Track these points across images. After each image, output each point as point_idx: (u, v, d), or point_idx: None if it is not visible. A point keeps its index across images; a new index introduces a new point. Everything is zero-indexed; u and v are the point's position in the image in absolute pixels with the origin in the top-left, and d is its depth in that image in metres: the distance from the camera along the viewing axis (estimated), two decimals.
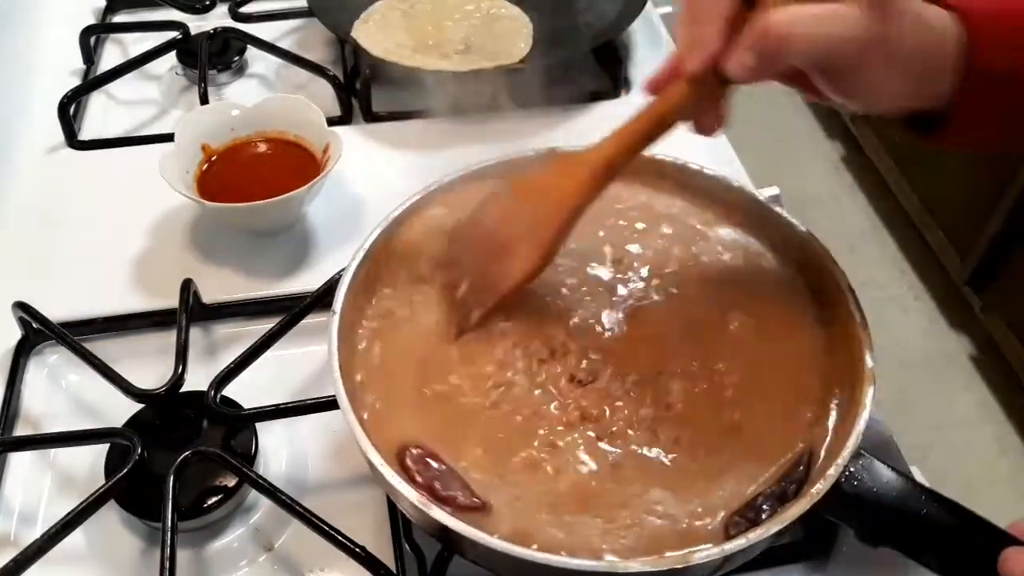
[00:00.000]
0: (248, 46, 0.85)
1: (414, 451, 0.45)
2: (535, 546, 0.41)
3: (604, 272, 0.54)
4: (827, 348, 0.49)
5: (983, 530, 0.42)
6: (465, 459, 0.45)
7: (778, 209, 0.55)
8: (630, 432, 0.46)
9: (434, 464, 0.44)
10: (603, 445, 0.46)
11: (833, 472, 0.42)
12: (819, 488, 0.41)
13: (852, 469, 0.42)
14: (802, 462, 0.44)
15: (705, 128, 0.47)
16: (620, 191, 0.57)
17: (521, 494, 0.44)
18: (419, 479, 0.43)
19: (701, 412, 0.47)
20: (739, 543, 0.40)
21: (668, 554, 0.40)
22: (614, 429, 0.46)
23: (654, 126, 0.46)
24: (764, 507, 0.42)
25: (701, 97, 0.44)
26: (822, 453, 0.45)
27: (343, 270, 0.51)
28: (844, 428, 0.44)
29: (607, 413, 0.47)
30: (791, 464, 0.44)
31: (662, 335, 0.50)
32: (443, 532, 0.41)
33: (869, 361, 0.46)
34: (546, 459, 0.45)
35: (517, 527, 0.42)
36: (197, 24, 0.87)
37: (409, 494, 0.41)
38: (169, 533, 0.48)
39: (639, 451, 0.45)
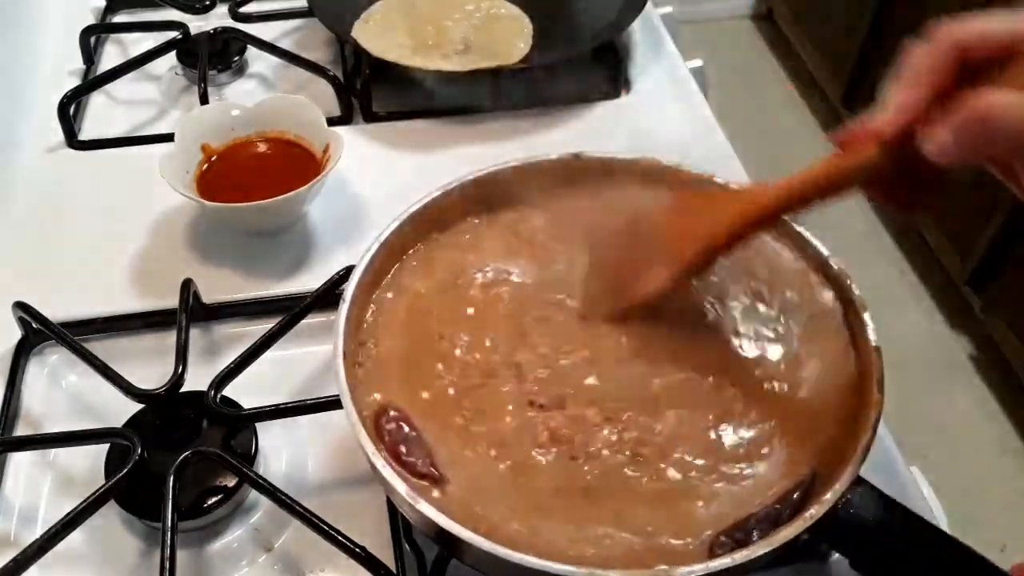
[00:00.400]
0: (248, 46, 0.85)
1: (392, 413, 0.46)
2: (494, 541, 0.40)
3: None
4: (840, 371, 0.49)
5: (982, 568, 0.41)
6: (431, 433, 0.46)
7: (800, 228, 0.54)
8: (607, 452, 0.45)
9: (406, 429, 0.45)
10: (579, 462, 0.45)
11: (830, 497, 0.41)
12: (813, 513, 0.40)
13: (850, 496, 0.42)
14: (801, 486, 0.43)
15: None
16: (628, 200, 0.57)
17: (485, 484, 0.44)
18: (387, 439, 0.45)
19: (697, 435, 0.46)
20: (723, 562, 0.39)
21: (658, 567, 0.40)
22: (590, 449, 0.45)
23: (831, 181, 0.42)
24: (755, 529, 0.42)
25: (892, 166, 0.40)
26: (822, 478, 0.44)
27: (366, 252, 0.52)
28: (846, 454, 0.43)
29: (584, 436, 0.46)
30: (790, 489, 0.44)
31: (671, 352, 0.50)
32: (440, 534, 0.41)
33: (877, 389, 0.45)
34: (516, 460, 0.45)
35: (471, 512, 0.42)
36: (197, 24, 0.87)
37: (368, 446, 0.43)
38: (169, 533, 0.48)
39: (618, 469, 0.45)
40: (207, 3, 0.90)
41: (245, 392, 0.56)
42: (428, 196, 0.55)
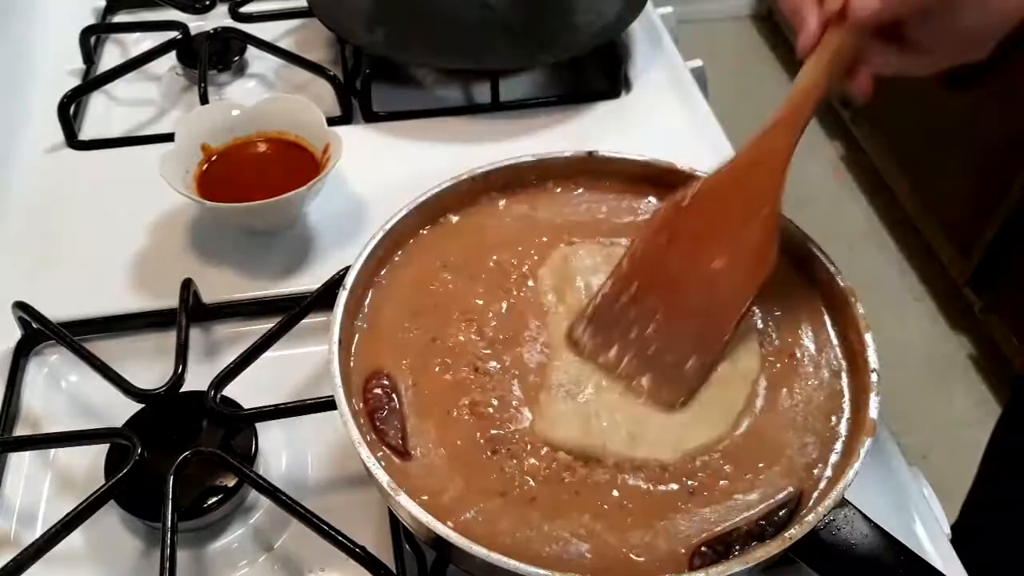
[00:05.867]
0: (248, 46, 0.85)
1: (384, 381, 0.47)
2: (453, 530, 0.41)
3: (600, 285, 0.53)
4: (838, 391, 0.49)
5: None
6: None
7: (815, 249, 0.53)
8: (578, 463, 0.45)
9: (392, 397, 0.47)
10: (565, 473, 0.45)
11: (812, 519, 0.41)
12: (793, 533, 0.40)
13: (833, 518, 0.42)
14: (787, 506, 0.44)
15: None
16: (631, 202, 0.57)
17: (459, 478, 0.44)
18: (370, 402, 0.46)
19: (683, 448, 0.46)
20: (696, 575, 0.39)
21: None
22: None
23: (822, 78, 0.47)
24: (735, 544, 0.42)
25: (857, 37, 0.46)
26: (811, 497, 0.44)
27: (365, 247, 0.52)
28: (834, 476, 0.44)
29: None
30: (775, 506, 0.44)
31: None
32: (438, 542, 0.41)
33: (873, 412, 0.45)
34: (499, 464, 0.45)
35: (430, 496, 0.43)
36: (197, 24, 0.87)
37: (348, 421, 0.43)
38: (169, 533, 0.48)
39: (593, 475, 0.45)
40: (207, 3, 0.90)
41: (245, 392, 0.56)
42: (438, 186, 0.55)
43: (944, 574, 0.41)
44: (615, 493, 0.44)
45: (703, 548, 0.42)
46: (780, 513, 0.43)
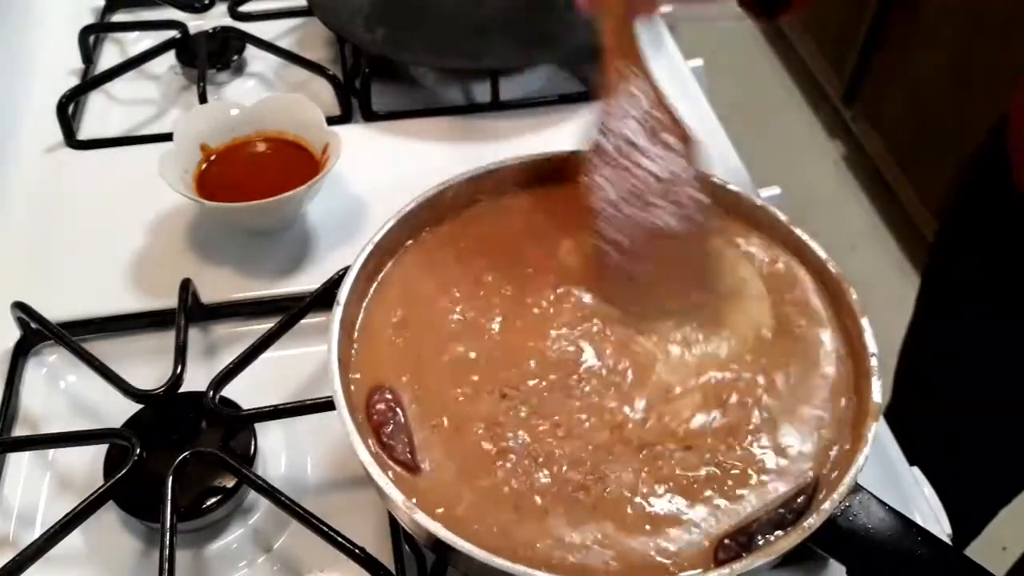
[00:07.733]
0: (247, 45, 0.85)
1: (387, 394, 0.47)
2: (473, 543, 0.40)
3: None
4: (843, 376, 0.49)
5: None
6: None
7: (798, 231, 0.54)
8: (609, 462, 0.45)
9: (396, 411, 0.46)
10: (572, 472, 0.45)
11: (828, 507, 0.41)
12: (811, 523, 0.40)
13: (848, 504, 0.42)
14: (805, 491, 0.44)
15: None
16: None
17: (470, 493, 0.44)
18: (375, 417, 0.45)
19: (703, 440, 0.46)
20: (722, 572, 0.39)
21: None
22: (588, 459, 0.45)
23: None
24: (758, 534, 0.42)
25: None
26: (825, 482, 0.44)
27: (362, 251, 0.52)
28: (845, 462, 0.44)
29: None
30: (793, 493, 0.44)
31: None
32: (438, 545, 0.41)
33: (876, 396, 0.45)
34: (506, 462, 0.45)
35: (445, 509, 0.43)
36: (196, 23, 0.87)
37: (350, 427, 0.43)
38: (168, 534, 0.48)
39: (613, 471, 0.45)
40: (206, 2, 0.90)
41: (244, 392, 0.56)
42: (422, 196, 0.55)
43: (958, 549, 0.41)
44: (638, 495, 0.44)
45: (726, 540, 0.42)
46: (799, 500, 0.43)
